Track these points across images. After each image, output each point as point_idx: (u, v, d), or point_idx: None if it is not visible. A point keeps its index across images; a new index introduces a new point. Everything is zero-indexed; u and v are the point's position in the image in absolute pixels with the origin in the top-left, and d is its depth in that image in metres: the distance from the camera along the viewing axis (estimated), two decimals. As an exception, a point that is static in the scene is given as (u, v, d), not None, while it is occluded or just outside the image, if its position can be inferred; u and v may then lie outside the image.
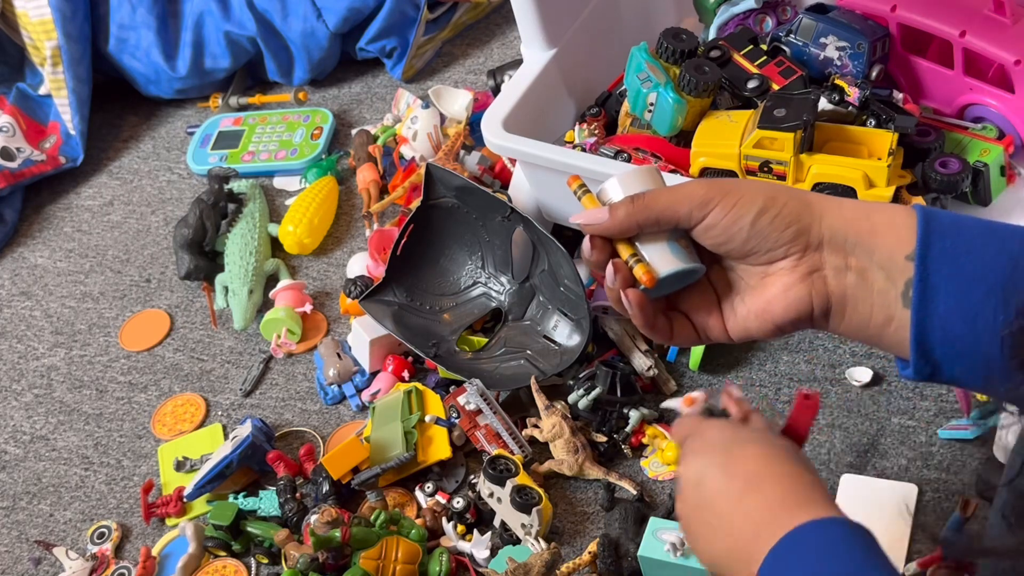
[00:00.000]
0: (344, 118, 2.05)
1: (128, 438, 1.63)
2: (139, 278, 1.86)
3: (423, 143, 1.82)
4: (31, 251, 1.97)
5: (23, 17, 2.05)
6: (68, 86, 2.06)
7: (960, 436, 1.35)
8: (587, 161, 1.40)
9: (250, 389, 1.64)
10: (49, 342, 1.79)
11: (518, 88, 1.50)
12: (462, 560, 1.35)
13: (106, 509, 1.55)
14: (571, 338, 1.51)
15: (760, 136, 1.33)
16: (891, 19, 1.45)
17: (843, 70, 1.45)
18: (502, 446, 1.43)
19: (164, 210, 1.98)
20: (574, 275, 1.47)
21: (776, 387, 1.47)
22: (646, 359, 1.48)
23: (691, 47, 1.44)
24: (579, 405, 1.44)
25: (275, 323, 1.66)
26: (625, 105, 1.52)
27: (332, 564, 1.32)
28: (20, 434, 1.67)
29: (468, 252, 1.60)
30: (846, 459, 1.38)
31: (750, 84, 1.44)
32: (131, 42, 2.08)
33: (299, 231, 1.79)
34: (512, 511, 1.34)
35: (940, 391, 1.41)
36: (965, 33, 1.38)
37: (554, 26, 1.51)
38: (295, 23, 2.04)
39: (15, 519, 1.56)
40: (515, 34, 2.10)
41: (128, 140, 2.14)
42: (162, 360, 1.72)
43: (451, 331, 1.56)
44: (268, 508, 1.44)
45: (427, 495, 1.42)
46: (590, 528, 1.38)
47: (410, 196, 1.76)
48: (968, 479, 1.32)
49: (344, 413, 1.58)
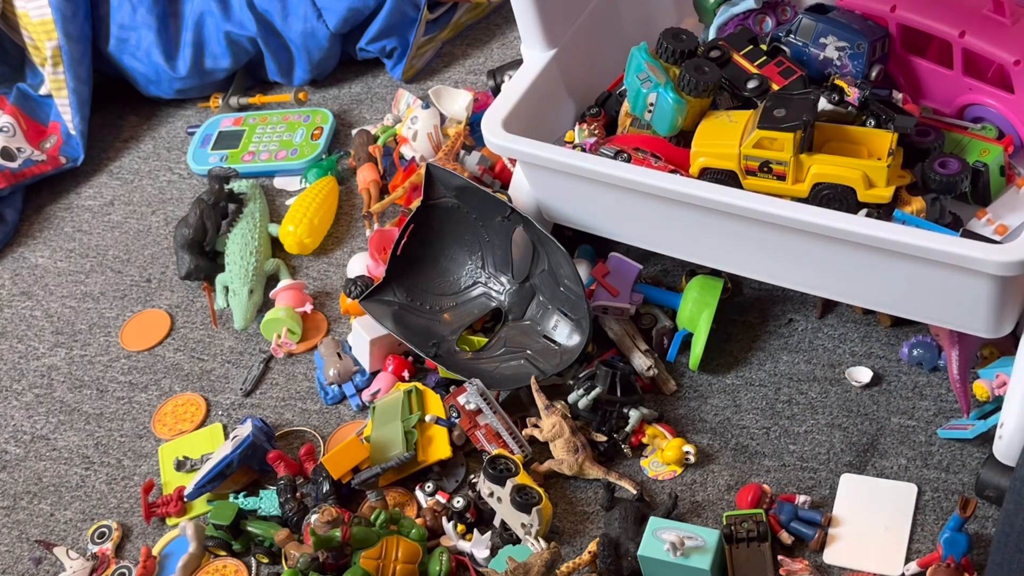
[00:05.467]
0: (344, 118, 2.05)
1: (128, 438, 1.63)
2: (139, 278, 1.86)
3: (423, 143, 1.82)
4: (32, 251, 1.97)
5: (24, 17, 2.06)
6: (68, 86, 2.06)
7: (960, 436, 1.35)
8: (587, 161, 1.40)
9: (250, 389, 1.64)
10: (50, 342, 1.79)
11: (518, 88, 1.50)
12: (462, 560, 1.35)
13: (106, 509, 1.55)
14: (571, 338, 1.51)
15: (760, 136, 1.33)
16: (891, 19, 1.45)
17: (843, 70, 1.45)
18: (502, 446, 1.43)
19: (164, 210, 1.98)
20: (574, 275, 1.47)
21: (776, 387, 1.47)
22: (646, 359, 1.48)
23: (691, 47, 1.44)
24: (579, 405, 1.44)
25: (275, 323, 1.66)
26: (625, 105, 1.52)
27: (332, 564, 1.32)
28: (21, 434, 1.67)
29: (468, 252, 1.60)
30: (846, 459, 1.38)
31: (750, 84, 1.44)
32: (131, 42, 2.09)
33: (299, 231, 1.79)
34: (512, 511, 1.34)
35: (940, 391, 1.42)
36: (965, 33, 1.38)
37: (554, 26, 1.52)
38: (295, 23, 2.04)
39: (16, 519, 1.56)
40: (515, 34, 2.10)
41: (128, 140, 2.14)
42: (162, 360, 1.72)
43: (451, 331, 1.57)
44: (268, 508, 1.44)
45: (427, 495, 1.42)
46: (590, 528, 1.38)
47: (410, 196, 1.76)
48: (968, 479, 1.33)
49: (344, 413, 1.58)
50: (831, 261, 1.31)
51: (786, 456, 1.40)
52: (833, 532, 1.31)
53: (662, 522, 1.29)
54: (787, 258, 1.36)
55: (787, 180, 1.34)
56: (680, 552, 1.24)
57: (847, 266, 1.30)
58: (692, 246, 1.45)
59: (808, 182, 1.33)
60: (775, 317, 1.54)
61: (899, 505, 1.32)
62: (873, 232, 1.23)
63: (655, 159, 1.42)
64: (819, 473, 1.37)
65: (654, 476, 1.41)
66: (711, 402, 1.47)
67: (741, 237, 1.36)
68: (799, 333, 1.52)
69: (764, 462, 1.40)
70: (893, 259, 1.24)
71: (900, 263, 1.24)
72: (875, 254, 1.25)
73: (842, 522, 1.32)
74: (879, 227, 1.23)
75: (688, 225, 1.39)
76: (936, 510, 1.31)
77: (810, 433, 1.41)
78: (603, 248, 1.57)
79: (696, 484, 1.39)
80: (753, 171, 1.36)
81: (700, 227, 1.39)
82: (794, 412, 1.44)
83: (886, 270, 1.27)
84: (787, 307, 1.55)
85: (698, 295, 1.49)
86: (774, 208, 1.28)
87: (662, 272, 1.62)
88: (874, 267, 1.28)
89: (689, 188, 1.34)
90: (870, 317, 1.51)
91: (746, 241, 1.36)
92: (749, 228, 1.33)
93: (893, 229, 1.23)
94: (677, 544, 1.24)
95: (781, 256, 1.36)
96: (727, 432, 1.43)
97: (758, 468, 1.39)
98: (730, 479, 1.39)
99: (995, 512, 1.29)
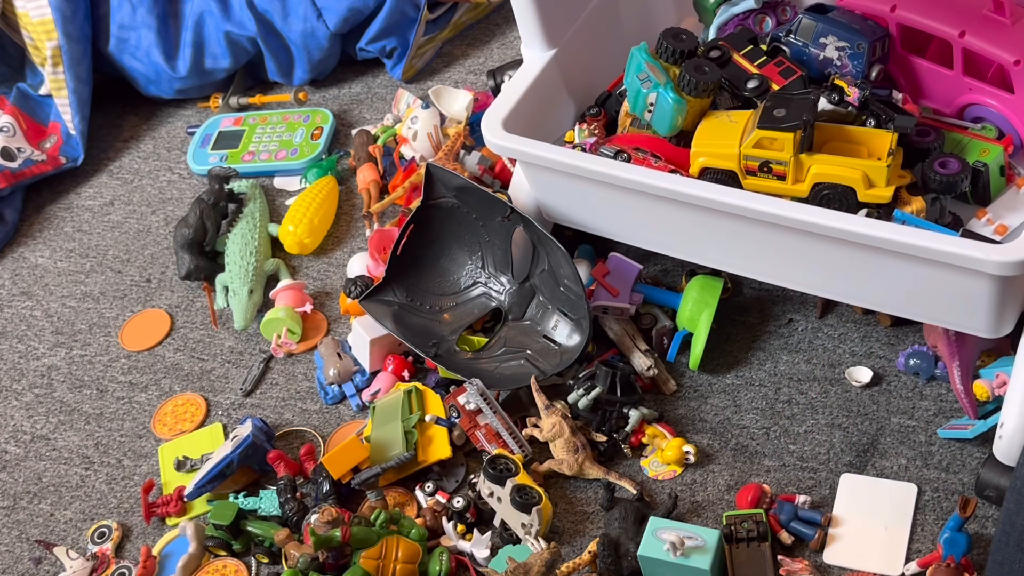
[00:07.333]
0: (344, 118, 2.05)
1: (128, 438, 1.63)
2: (139, 278, 1.86)
3: (423, 143, 1.82)
4: (32, 251, 1.97)
5: (24, 17, 2.06)
6: (68, 86, 2.06)
7: (960, 436, 1.35)
8: (587, 161, 1.40)
9: (250, 389, 1.64)
10: (50, 342, 1.79)
11: (518, 88, 1.50)
12: (462, 559, 1.35)
13: (106, 509, 1.55)
14: (571, 338, 1.51)
15: (760, 136, 1.33)
16: (891, 19, 1.45)
17: (843, 70, 1.45)
18: (502, 446, 1.43)
19: (164, 210, 1.98)
20: (574, 275, 1.47)
21: (776, 387, 1.47)
22: (646, 359, 1.48)
23: (691, 47, 1.44)
24: (579, 405, 1.45)
25: (275, 323, 1.66)
26: (625, 105, 1.52)
27: (332, 564, 1.32)
28: (21, 434, 1.67)
29: (468, 252, 1.60)
30: (846, 459, 1.38)
31: (750, 84, 1.44)
32: (131, 42, 2.09)
33: (299, 231, 1.79)
34: (512, 511, 1.34)
35: (940, 391, 1.41)
36: (965, 33, 1.38)
37: (554, 26, 1.52)
38: (295, 23, 2.04)
39: (16, 519, 1.56)
40: (515, 34, 2.10)
41: (128, 140, 2.14)
42: (162, 360, 1.72)
43: (451, 331, 1.57)
44: (268, 508, 1.44)
45: (427, 495, 1.42)
46: (590, 528, 1.38)
47: (410, 196, 1.76)
48: (968, 479, 1.33)
49: (344, 413, 1.58)
50: (831, 261, 1.31)
51: (786, 456, 1.40)
52: (833, 532, 1.31)
53: (662, 522, 1.29)
54: (787, 258, 1.36)
55: (787, 180, 1.34)
56: (680, 552, 1.24)
57: (847, 266, 1.30)
58: (692, 246, 1.45)
59: (808, 182, 1.33)
60: (775, 317, 1.54)
61: (899, 505, 1.32)
62: (873, 232, 1.23)
63: (655, 159, 1.42)
64: (819, 473, 1.37)
65: (654, 476, 1.41)
66: (711, 402, 1.47)
67: (741, 237, 1.36)
68: (799, 333, 1.52)
69: (764, 462, 1.40)
70: (893, 259, 1.24)
71: (900, 263, 1.24)
72: (875, 254, 1.25)
73: (842, 522, 1.32)
74: (879, 227, 1.23)
75: (688, 225, 1.39)
76: (936, 510, 1.31)
77: (810, 433, 1.41)
78: (603, 248, 1.57)
79: (696, 484, 1.39)
80: (753, 171, 1.36)
81: (700, 227, 1.39)
82: (794, 412, 1.44)
83: (886, 270, 1.27)
84: (787, 307, 1.55)
85: (698, 295, 1.49)
86: (774, 208, 1.29)
87: (662, 272, 1.62)
88: (874, 267, 1.28)
89: (689, 188, 1.34)
90: (870, 317, 1.51)
91: (746, 241, 1.36)
92: (749, 228, 1.33)
93: (893, 229, 1.23)
94: (677, 544, 1.24)
95: (781, 256, 1.36)
96: (727, 432, 1.43)
97: (758, 468, 1.39)
98: (730, 479, 1.39)
99: (995, 512, 1.29)
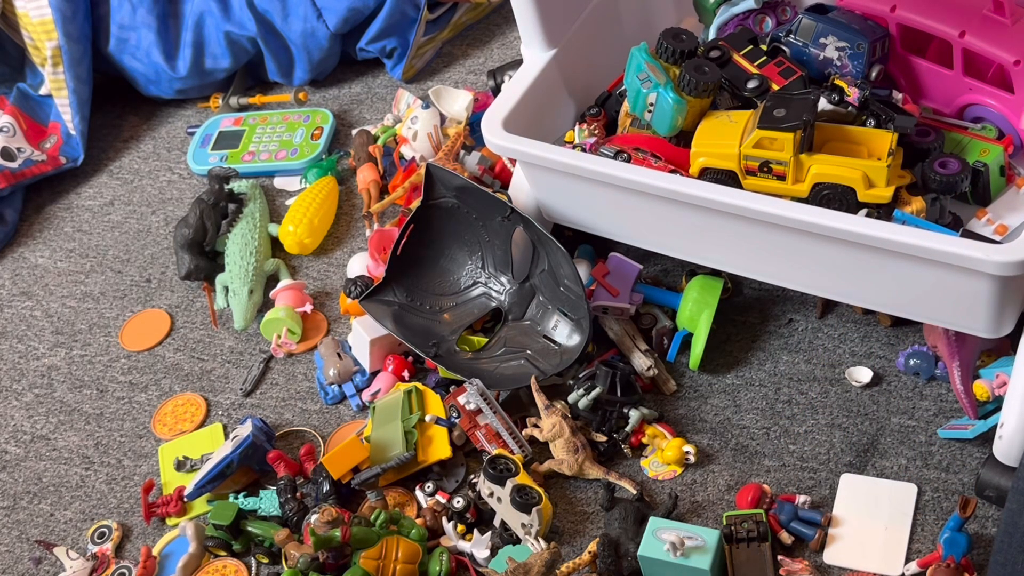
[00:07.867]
0: (344, 118, 2.05)
1: (128, 438, 1.63)
2: (139, 278, 1.86)
3: (423, 143, 1.82)
4: (32, 251, 1.97)
5: (24, 17, 2.05)
6: (68, 86, 2.06)
7: (960, 436, 1.35)
8: (587, 161, 1.40)
9: (250, 389, 1.64)
10: (50, 342, 1.79)
11: (518, 88, 1.50)
12: (462, 560, 1.35)
13: (106, 509, 1.55)
14: (571, 338, 1.51)
15: (760, 136, 1.33)
16: (891, 19, 1.45)
17: (843, 70, 1.45)
18: (502, 446, 1.43)
19: (164, 210, 1.98)
20: (574, 275, 1.47)
21: (776, 387, 1.47)
22: (646, 359, 1.48)
23: (691, 47, 1.44)
24: (579, 405, 1.44)
25: (275, 323, 1.66)
26: (625, 105, 1.52)
27: (332, 564, 1.32)
28: (21, 434, 1.67)
29: (468, 252, 1.60)
30: (846, 459, 1.38)
31: (750, 84, 1.44)
32: (131, 42, 2.09)
33: (299, 231, 1.79)
34: (512, 511, 1.34)
35: (940, 391, 1.41)
36: (965, 33, 1.38)
37: (554, 26, 1.52)
38: (295, 23, 2.04)
39: (16, 519, 1.56)
40: (515, 34, 2.10)
41: (128, 140, 2.14)
42: (162, 360, 1.72)
43: (451, 331, 1.57)
44: (268, 508, 1.44)
45: (427, 495, 1.42)
46: (590, 528, 1.38)
47: (410, 196, 1.76)
48: (968, 479, 1.33)
49: (344, 413, 1.58)
50: (831, 261, 1.31)
51: (786, 456, 1.40)
52: (833, 532, 1.31)
53: (662, 522, 1.29)
54: (787, 258, 1.36)
55: (787, 180, 1.34)
56: (680, 552, 1.24)
57: (847, 266, 1.30)
58: (692, 246, 1.45)
59: (808, 182, 1.33)
60: (775, 317, 1.54)
61: (899, 505, 1.32)
62: (873, 232, 1.23)
63: (655, 159, 1.42)
64: (819, 473, 1.37)
65: (654, 476, 1.41)
66: (711, 402, 1.47)
67: (741, 237, 1.36)
68: (799, 333, 1.52)
69: (764, 462, 1.40)
70: (893, 259, 1.24)
71: (900, 263, 1.24)
72: (875, 254, 1.25)
73: (842, 522, 1.32)
74: (879, 227, 1.23)
75: (688, 225, 1.39)
76: (936, 510, 1.31)
77: (810, 433, 1.41)
78: (603, 248, 1.57)
79: (696, 484, 1.39)
80: (753, 171, 1.36)
81: (700, 227, 1.39)
82: (794, 412, 1.44)
83: (886, 270, 1.27)
84: (787, 307, 1.55)
85: (698, 295, 1.49)
86: (774, 208, 1.28)
87: (662, 272, 1.62)
88: (874, 267, 1.28)
89: (689, 188, 1.34)
90: (870, 317, 1.51)
91: (746, 241, 1.36)
92: (749, 228, 1.33)
93: (893, 229, 1.23)
94: (677, 544, 1.24)
95: (781, 256, 1.36)
96: (727, 432, 1.43)
97: (758, 468, 1.39)
98: (730, 479, 1.39)
99: (995, 512, 1.29)
